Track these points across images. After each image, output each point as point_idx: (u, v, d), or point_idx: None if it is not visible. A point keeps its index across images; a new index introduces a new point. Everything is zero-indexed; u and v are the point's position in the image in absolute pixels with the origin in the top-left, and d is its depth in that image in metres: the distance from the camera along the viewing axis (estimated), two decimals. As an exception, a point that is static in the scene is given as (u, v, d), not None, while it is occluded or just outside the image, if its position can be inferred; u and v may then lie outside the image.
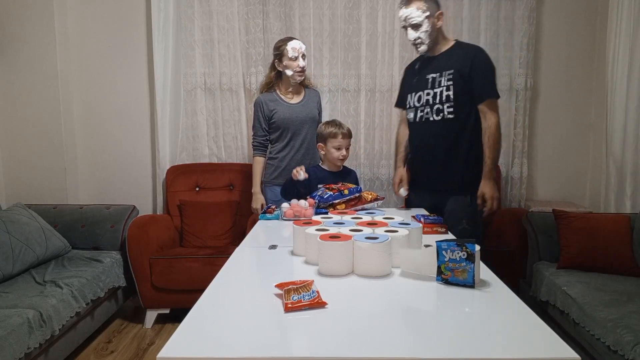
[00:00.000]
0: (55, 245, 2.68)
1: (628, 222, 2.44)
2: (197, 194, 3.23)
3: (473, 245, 1.26)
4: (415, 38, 2.25)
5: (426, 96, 2.30)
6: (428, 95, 2.30)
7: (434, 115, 2.28)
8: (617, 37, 2.92)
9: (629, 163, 2.90)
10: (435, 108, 2.27)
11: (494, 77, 2.27)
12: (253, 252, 1.67)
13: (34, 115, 3.15)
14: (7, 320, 1.86)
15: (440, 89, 2.25)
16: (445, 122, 2.26)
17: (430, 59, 2.32)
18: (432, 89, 2.28)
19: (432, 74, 2.29)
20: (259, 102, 2.74)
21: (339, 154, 2.41)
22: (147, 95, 3.34)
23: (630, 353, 1.67)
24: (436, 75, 2.27)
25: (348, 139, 2.42)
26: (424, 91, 2.31)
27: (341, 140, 2.39)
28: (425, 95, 2.30)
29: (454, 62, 2.23)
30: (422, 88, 2.32)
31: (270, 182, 2.76)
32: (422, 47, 2.27)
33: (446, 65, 2.25)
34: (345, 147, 2.42)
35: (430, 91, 2.29)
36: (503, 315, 1.10)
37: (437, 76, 2.27)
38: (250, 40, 3.24)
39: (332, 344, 0.96)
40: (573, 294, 2.15)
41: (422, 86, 2.32)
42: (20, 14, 3.07)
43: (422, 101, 2.32)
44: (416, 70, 2.39)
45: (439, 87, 2.26)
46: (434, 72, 2.28)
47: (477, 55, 2.22)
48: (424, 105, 2.31)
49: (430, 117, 2.30)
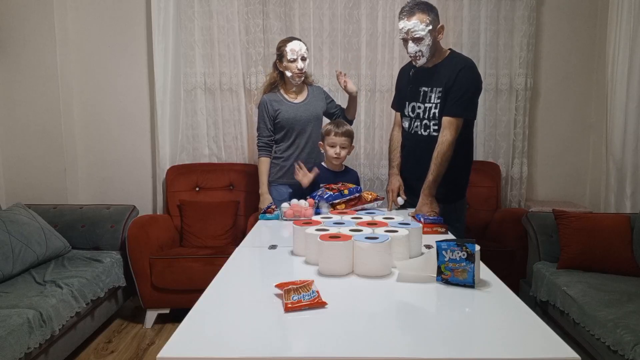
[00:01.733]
0: (55, 245, 2.68)
1: (628, 222, 2.44)
2: (197, 194, 3.23)
3: (473, 245, 1.26)
4: (416, 52, 2.16)
5: (417, 109, 2.30)
6: (419, 108, 2.29)
7: (422, 130, 2.28)
8: (617, 37, 2.92)
9: (629, 163, 2.90)
10: (423, 123, 2.27)
11: (470, 96, 2.17)
12: (253, 252, 1.67)
13: (34, 115, 3.15)
14: (7, 320, 1.86)
15: (430, 105, 2.23)
16: (431, 138, 2.22)
17: (424, 70, 2.27)
18: (423, 103, 2.27)
19: (425, 87, 2.26)
20: (264, 102, 2.74)
21: (332, 152, 2.40)
22: (147, 95, 3.34)
23: (630, 353, 1.67)
24: (427, 90, 2.25)
25: (343, 138, 2.40)
26: (416, 103, 2.30)
27: (334, 138, 2.39)
28: (417, 108, 2.30)
29: (442, 78, 2.19)
30: (415, 99, 2.31)
31: (275, 182, 2.75)
32: (421, 60, 2.20)
33: (436, 81, 2.21)
34: (340, 146, 2.40)
35: (422, 105, 2.27)
36: (503, 315, 1.10)
37: (429, 90, 2.24)
38: (250, 40, 3.23)
39: (332, 344, 0.96)
40: (573, 294, 2.15)
41: (416, 98, 2.30)
42: (20, 14, 3.07)
43: (415, 112, 2.31)
44: (411, 78, 2.36)
45: (429, 102, 2.24)
46: (426, 85, 2.26)
47: (461, 71, 2.15)
48: (415, 118, 2.31)
49: (419, 131, 2.29)
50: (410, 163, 2.39)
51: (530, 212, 2.81)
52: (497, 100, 3.28)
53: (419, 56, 2.18)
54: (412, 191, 2.36)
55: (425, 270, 1.33)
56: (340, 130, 2.39)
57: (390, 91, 3.24)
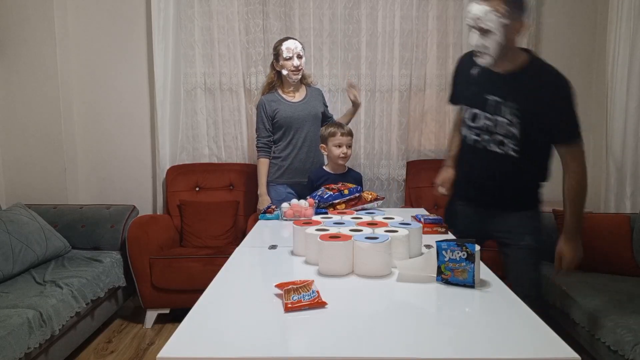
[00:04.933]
0: (55, 245, 2.68)
1: (628, 222, 2.44)
2: (197, 194, 3.23)
3: (473, 245, 1.26)
4: (480, 46, 1.69)
5: (484, 120, 1.82)
6: (487, 120, 1.81)
7: (495, 147, 1.81)
8: (617, 37, 2.92)
9: (629, 163, 2.90)
10: (496, 139, 1.81)
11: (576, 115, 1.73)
12: (253, 252, 1.67)
13: (34, 115, 3.15)
14: (7, 320, 1.86)
15: (503, 119, 1.77)
16: (508, 157, 1.79)
17: (492, 73, 1.78)
18: (493, 115, 1.79)
19: (494, 96, 1.78)
20: (261, 103, 2.75)
21: (339, 152, 2.43)
22: (147, 95, 3.34)
23: (630, 353, 1.67)
24: (500, 100, 1.77)
25: (348, 137, 2.46)
26: (481, 112, 1.82)
27: (341, 138, 2.43)
28: (484, 119, 1.82)
29: (523, 93, 1.73)
30: (479, 107, 1.83)
31: (273, 182, 2.76)
32: (485, 59, 1.72)
33: (513, 94, 1.74)
34: (346, 145, 2.44)
35: (491, 116, 1.80)
36: (503, 315, 1.10)
37: (501, 102, 1.77)
38: (250, 40, 3.23)
39: (332, 344, 0.96)
40: (573, 294, 2.15)
41: (480, 105, 1.82)
42: (20, 14, 3.07)
43: (479, 123, 1.84)
44: (473, 78, 1.87)
45: (501, 116, 1.77)
46: (496, 94, 1.78)
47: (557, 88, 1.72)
48: (481, 130, 1.84)
49: (488, 147, 1.83)
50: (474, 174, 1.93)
51: (531, 212, 2.80)
52: (497, 100, 3.27)
53: (482, 53, 1.71)
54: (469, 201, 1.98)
55: (425, 270, 1.33)
56: (345, 130, 2.46)
57: (390, 91, 3.25)
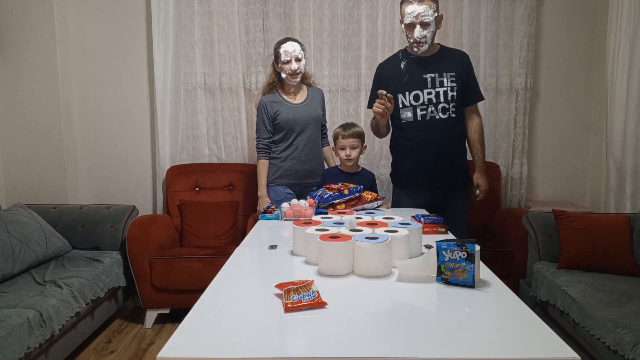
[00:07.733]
0: (55, 245, 2.68)
1: (628, 222, 2.44)
2: (197, 194, 3.23)
3: (473, 245, 1.26)
4: (422, 37, 2.29)
5: (427, 95, 2.37)
6: (430, 94, 2.37)
7: (440, 114, 2.37)
8: (617, 37, 2.92)
9: (629, 163, 2.90)
10: (440, 107, 2.37)
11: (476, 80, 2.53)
12: (253, 252, 1.67)
13: (34, 115, 3.15)
14: (7, 320, 1.86)
15: (444, 89, 2.36)
16: (451, 120, 2.39)
17: (419, 60, 2.40)
18: (434, 89, 2.36)
19: (430, 74, 2.37)
20: (262, 104, 2.74)
21: (343, 154, 2.49)
22: (147, 95, 3.34)
23: (630, 353, 1.67)
24: (435, 75, 2.36)
25: (352, 139, 2.47)
26: (422, 90, 2.37)
27: (342, 141, 2.48)
28: (427, 94, 2.37)
29: (453, 65, 2.38)
30: (419, 87, 2.38)
31: (273, 182, 2.75)
32: (423, 47, 2.33)
33: (445, 67, 2.38)
34: (350, 147, 2.46)
35: (432, 90, 2.36)
36: (503, 315, 1.10)
37: (437, 76, 2.36)
38: (250, 40, 3.23)
39: (332, 344, 0.96)
40: (573, 294, 2.15)
41: (419, 85, 2.38)
42: (20, 14, 3.07)
43: (421, 100, 2.38)
44: (404, 70, 2.42)
45: (440, 86, 2.36)
46: (431, 72, 2.37)
47: (470, 62, 2.45)
48: (425, 104, 2.38)
49: (436, 116, 2.38)
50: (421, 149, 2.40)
51: (531, 212, 2.81)
52: (497, 100, 3.28)
53: (423, 42, 2.31)
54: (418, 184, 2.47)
55: (425, 270, 1.33)
56: (347, 132, 2.47)
57: (390, 91, 3.25)
